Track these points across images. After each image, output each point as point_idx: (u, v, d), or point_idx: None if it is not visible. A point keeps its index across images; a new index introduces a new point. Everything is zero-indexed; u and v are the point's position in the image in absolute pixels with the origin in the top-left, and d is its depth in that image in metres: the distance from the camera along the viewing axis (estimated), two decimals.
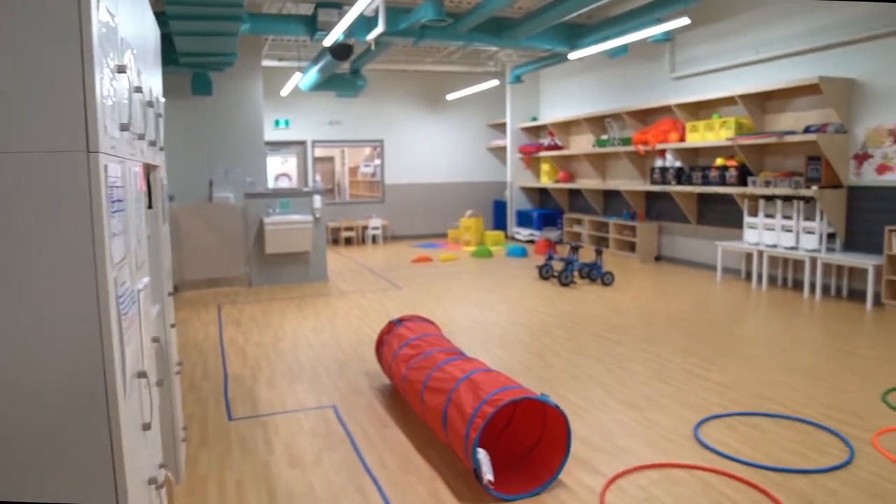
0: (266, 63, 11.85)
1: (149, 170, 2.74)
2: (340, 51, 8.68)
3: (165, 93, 3.40)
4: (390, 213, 14.61)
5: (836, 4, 7.46)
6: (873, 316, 6.69)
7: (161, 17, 5.81)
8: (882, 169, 7.22)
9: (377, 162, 14.89)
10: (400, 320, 4.54)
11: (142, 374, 1.73)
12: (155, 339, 2.09)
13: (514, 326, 6.39)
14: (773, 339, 5.79)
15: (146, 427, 1.75)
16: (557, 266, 9.59)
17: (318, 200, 9.07)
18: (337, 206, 14.53)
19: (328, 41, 8.21)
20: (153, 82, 2.71)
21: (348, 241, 14.03)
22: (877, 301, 7.03)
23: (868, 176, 7.36)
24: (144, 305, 1.96)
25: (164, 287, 2.84)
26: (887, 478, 3.23)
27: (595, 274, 8.66)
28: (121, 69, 1.63)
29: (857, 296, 7.49)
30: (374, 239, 14.14)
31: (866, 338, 5.87)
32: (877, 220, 7.26)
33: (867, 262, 6.98)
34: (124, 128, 1.68)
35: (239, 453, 3.58)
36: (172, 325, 2.94)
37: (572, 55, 9.65)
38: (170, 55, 7.91)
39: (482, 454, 2.88)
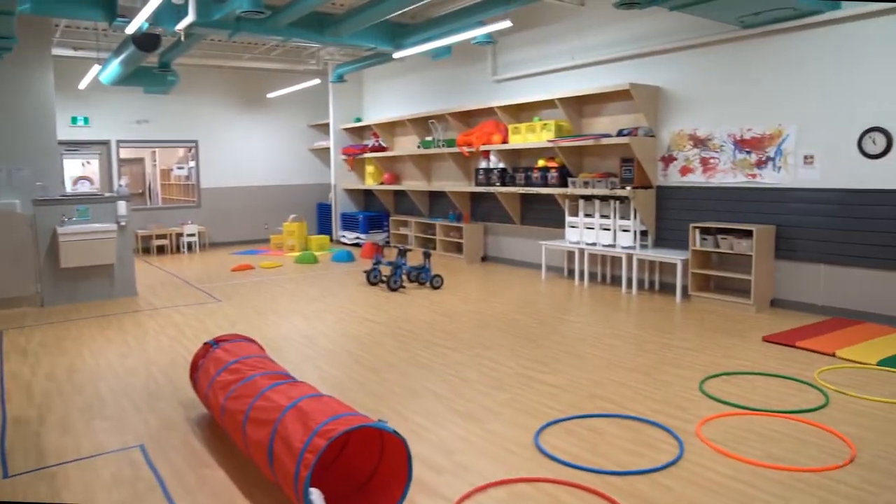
0: (58, 52, 10.57)
1: None
2: (145, 41, 7.87)
3: None
4: (207, 219, 13.67)
5: (644, 15, 7.89)
6: (682, 307, 7.13)
7: None
8: (685, 171, 7.73)
9: (192, 164, 13.88)
10: (216, 341, 4.07)
11: None
12: None
13: (344, 338, 6.07)
14: (599, 336, 5.96)
15: None
16: (385, 270, 9.38)
17: (122, 206, 8.17)
18: (148, 212, 13.35)
19: (130, 29, 7.38)
20: None
21: (161, 250, 12.92)
22: (685, 293, 7.51)
23: (673, 177, 7.85)
24: None
25: None
26: (713, 468, 3.32)
27: (424, 277, 8.55)
28: None
29: (668, 289, 7.97)
30: (190, 247, 13.15)
31: (679, 329, 6.20)
32: (682, 217, 7.76)
33: (675, 257, 7.44)
34: None
35: None
36: None
37: (396, 55, 9.50)
38: None
39: (315, 495, 2.56)
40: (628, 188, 7.84)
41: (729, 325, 6.29)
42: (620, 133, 8.01)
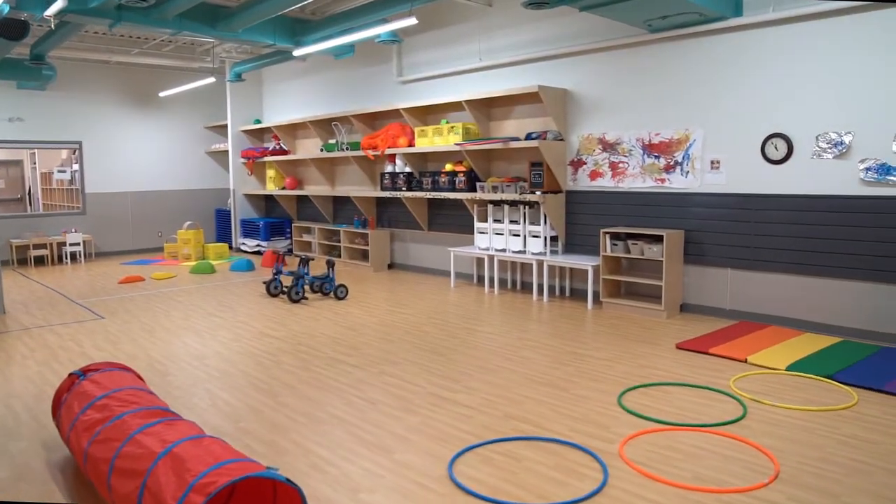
0: None
1: None
2: (9, 28, 7.05)
3: None
4: (94, 226, 12.67)
5: (553, 17, 7.76)
6: (594, 314, 7.00)
7: None
8: (594, 175, 7.64)
9: (75, 167, 12.83)
10: (84, 371, 3.53)
11: None
12: None
13: (240, 358, 5.57)
14: (513, 348, 5.71)
15: None
16: (287, 281, 8.89)
17: None
18: (25, 220, 12.17)
19: None
20: None
21: (40, 262, 11.87)
22: (596, 299, 7.41)
23: (583, 181, 7.75)
24: None
25: None
26: (640, 494, 3.10)
27: (327, 288, 8.11)
28: None
29: (579, 295, 7.87)
30: (73, 257, 12.14)
31: (592, 338, 6.05)
32: (591, 222, 7.67)
33: (586, 263, 7.32)
34: None
35: None
36: None
37: (297, 52, 9.00)
38: None
39: None
40: (538, 193, 7.67)
41: (641, 333, 6.19)
42: (529, 136, 7.85)
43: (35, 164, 15.68)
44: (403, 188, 9.48)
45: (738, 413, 4.12)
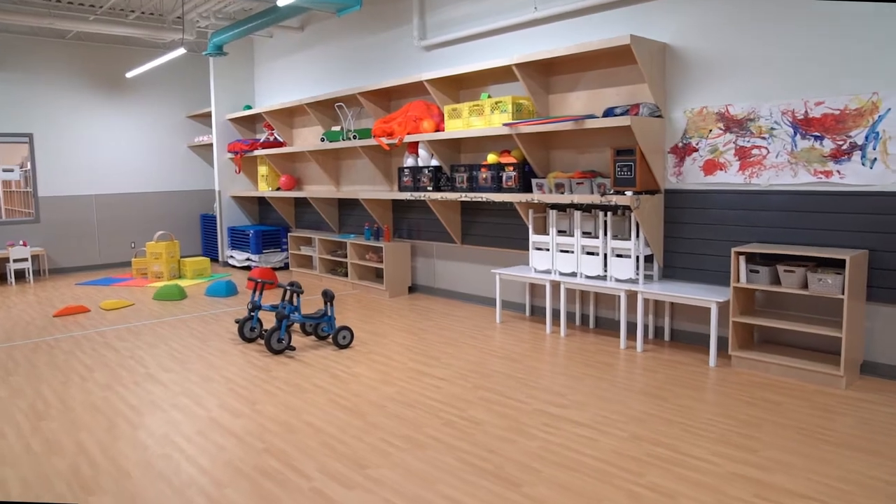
0: None
1: None
2: None
3: None
4: (50, 237, 10.39)
5: None
6: (722, 377, 4.58)
7: None
8: (711, 167, 5.21)
9: (27, 166, 10.56)
10: None
11: None
12: None
13: (157, 494, 3.20)
14: (632, 462, 3.30)
15: None
16: (268, 318, 6.56)
17: None
18: None
19: None
20: None
21: None
22: (720, 350, 5.00)
23: (693, 176, 5.32)
24: None
25: None
26: None
27: (325, 329, 5.74)
28: None
29: (685, 340, 5.44)
30: (20, 276, 9.87)
31: (754, 434, 3.63)
32: (705, 236, 5.26)
33: (709, 297, 4.88)
34: None
35: None
36: None
37: (281, 1, 6.59)
38: None
39: None
40: (629, 193, 5.25)
41: (827, 421, 3.75)
42: (610, 113, 5.44)
43: None
44: (429, 187, 7.08)
45: None
